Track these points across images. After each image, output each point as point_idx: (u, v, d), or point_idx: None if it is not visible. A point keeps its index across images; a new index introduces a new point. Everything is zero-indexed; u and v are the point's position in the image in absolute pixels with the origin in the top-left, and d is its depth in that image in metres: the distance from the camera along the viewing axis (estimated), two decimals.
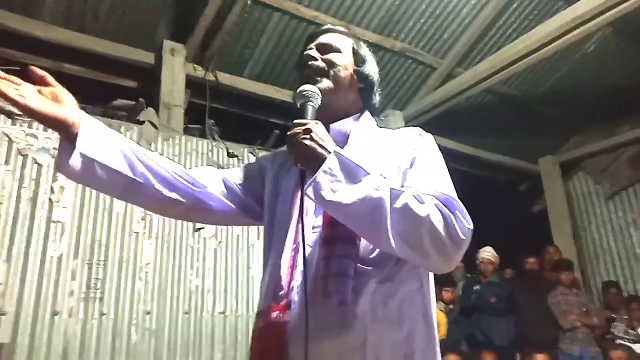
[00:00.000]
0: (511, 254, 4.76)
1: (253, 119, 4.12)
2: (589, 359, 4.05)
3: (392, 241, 0.86)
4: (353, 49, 1.16)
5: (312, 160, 0.90)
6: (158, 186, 1.05)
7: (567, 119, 5.60)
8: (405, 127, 1.14)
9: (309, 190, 0.88)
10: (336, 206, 0.88)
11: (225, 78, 4.01)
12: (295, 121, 0.95)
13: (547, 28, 3.67)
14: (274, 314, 0.95)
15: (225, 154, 3.69)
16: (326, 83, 1.08)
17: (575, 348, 4.09)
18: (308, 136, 0.91)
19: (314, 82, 1.05)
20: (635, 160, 5.37)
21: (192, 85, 3.87)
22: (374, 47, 4.27)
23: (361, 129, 1.10)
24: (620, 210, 5.48)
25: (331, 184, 0.87)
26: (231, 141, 3.77)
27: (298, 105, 1.01)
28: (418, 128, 1.11)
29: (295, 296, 0.94)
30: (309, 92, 1.01)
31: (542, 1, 4.16)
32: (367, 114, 1.16)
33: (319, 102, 1.02)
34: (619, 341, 4.07)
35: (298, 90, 1.02)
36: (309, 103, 1.00)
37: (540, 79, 5.03)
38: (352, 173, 0.89)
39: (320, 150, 0.91)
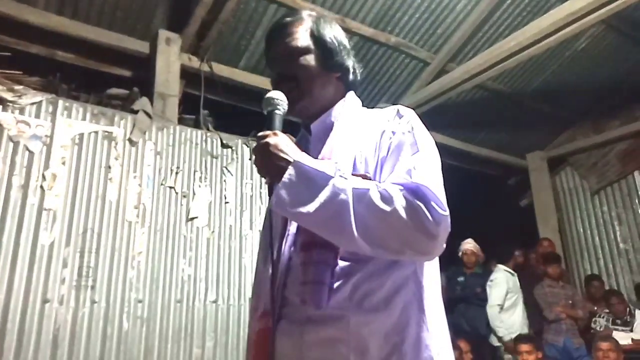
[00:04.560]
0: (499, 246, 4.84)
1: (248, 110, 4.12)
2: (573, 350, 4.16)
3: (360, 244, 0.86)
4: (314, 36, 1.09)
5: (274, 173, 0.91)
6: None
7: (557, 115, 5.68)
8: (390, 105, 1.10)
9: (272, 204, 0.89)
10: (300, 216, 0.89)
11: (220, 69, 4.00)
12: (259, 134, 0.95)
13: (540, 25, 3.70)
14: (263, 320, 0.98)
15: (219, 144, 3.69)
16: (301, 102, 1.06)
17: (560, 339, 4.19)
18: (267, 150, 0.91)
19: (289, 102, 1.02)
20: (624, 155, 5.46)
21: (187, 75, 3.85)
22: (370, 41, 4.30)
23: (345, 115, 1.09)
24: (605, 205, 5.59)
25: (292, 195, 0.87)
26: (225, 132, 3.77)
27: (265, 113, 1.00)
28: (399, 107, 1.06)
29: (277, 300, 0.97)
30: (275, 100, 1.00)
31: None
32: (350, 95, 1.14)
33: (285, 109, 1.01)
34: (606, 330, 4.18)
35: (265, 97, 1.01)
36: (275, 111, 0.99)
37: (532, 76, 5.09)
38: (312, 181, 0.88)
39: (279, 162, 0.90)
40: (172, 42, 3.68)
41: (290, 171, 0.89)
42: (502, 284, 4.32)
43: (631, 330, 4.25)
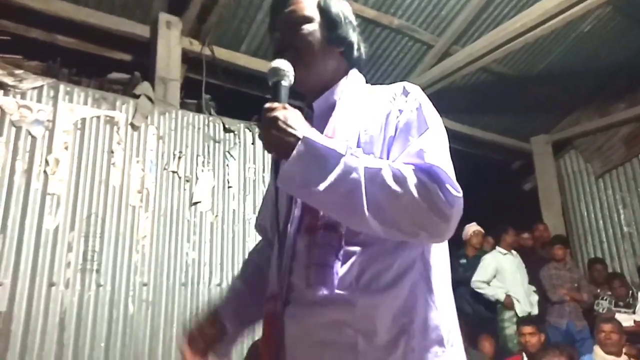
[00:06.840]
0: (499, 229, 4.83)
1: (249, 95, 4.10)
2: (576, 332, 4.18)
3: (372, 224, 0.83)
4: (321, 8, 1.06)
5: (282, 149, 0.86)
6: None
7: (562, 98, 5.63)
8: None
9: (280, 181, 0.86)
10: (309, 194, 0.85)
11: (221, 53, 3.96)
12: (265, 106, 0.90)
13: (545, 5, 3.65)
14: (270, 304, 0.98)
15: (222, 129, 3.68)
16: (301, 71, 0.99)
17: (563, 322, 4.21)
18: (276, 124, 0.87)
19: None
20: (630, 139, 5.43)
21: (189, 59, 3.82)
22: (372, 24, 4.24)
23: (348, 93, 1.05)
24: (610, 188, 5.57)
25: (301, 173, 0.84)
26: (227, 116, 3.76)
27: (270, 83, 0.95)
28: (405, 83, 1.02)
29: (284, 285, 0.96)
30: (281, 70, 0.95)
31: None
32: (353, 72, 1.09)
33: (292, 80, 0.96)
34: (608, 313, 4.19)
35: (270, 67, 0.96)
36: (282, 82, 0.95)
37: (536, 59, 5.03)
38: (322, 158, 0.84)
39: (288, 138, 0.85)
40: (172, 26, 3.65)
41: (299, 147, 0.84)
42: (488, 264, 4.38)
43: (634, 312, 4.27)
